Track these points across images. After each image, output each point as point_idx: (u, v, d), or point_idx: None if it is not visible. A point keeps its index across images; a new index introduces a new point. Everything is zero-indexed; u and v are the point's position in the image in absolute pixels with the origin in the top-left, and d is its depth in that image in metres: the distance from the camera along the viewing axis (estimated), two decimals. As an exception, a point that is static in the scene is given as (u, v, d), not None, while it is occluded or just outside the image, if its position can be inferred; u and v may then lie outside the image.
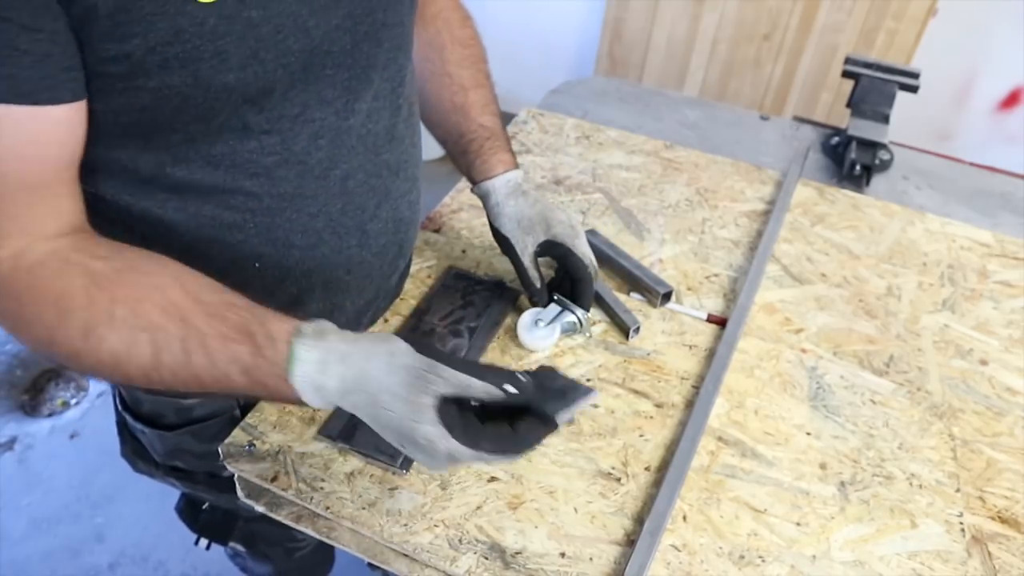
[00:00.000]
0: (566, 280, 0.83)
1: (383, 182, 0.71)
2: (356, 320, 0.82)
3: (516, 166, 0.84)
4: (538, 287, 0.82)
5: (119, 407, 0.86)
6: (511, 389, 0.51)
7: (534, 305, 0.84)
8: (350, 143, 0.66)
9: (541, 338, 0.82)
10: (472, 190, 0.84)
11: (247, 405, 0.81)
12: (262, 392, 0.54)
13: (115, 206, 0.62)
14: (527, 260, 0.81)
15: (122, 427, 0.90)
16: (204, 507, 1.01)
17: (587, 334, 0.86)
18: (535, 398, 0.52)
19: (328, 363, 0.51)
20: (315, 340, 0.52)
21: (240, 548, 1.04)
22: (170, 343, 0.52)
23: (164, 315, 0.52)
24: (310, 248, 0.69)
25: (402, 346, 0.52)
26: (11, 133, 0.50)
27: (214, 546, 1.02)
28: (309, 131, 0.63)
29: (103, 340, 0.52)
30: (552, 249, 0.80)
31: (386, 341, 0.52)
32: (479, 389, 0.51)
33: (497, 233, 0.82)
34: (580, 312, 0.83)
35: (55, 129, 0.52)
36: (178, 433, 0.81)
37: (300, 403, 0.53)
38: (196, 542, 1.04)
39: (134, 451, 0.90)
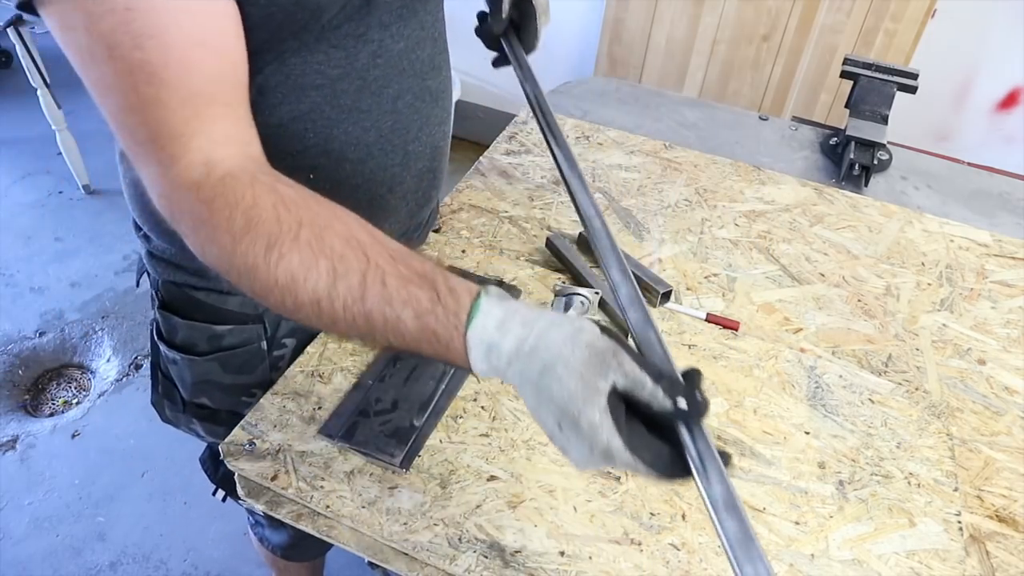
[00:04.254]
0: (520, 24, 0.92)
1: (426, 106, 0.79)
2: None
3: None
4: (503, 16, 0.89)
5: (155, 337, 0.89)
6: (682, 404, 0.48)
7: (492, 30, 0.90)
8: (401, 66, 0.74)
9: None
10: None
11: (273, 338, 0.85)
12: (428, 343, 0.51)
13: None
14: None
15: (155, 368, 0.94)
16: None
17: (594, 310, 0.88)
18: (699, 420, 0.48)
19: (509, 323, 0.50)
20: (499, 301, 0.51)
21: (258, 510, 1.06)
22: (349, 274, 0.52)
23: (347, 246, 0.52)
24: (360, 162, 0.74)
25: (589, 326, 0.50)
26: (193, 17, 0.52)
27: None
28: (369, 50, 0.70)
29: (283, 257, 0.52)
30: None
31: (573, 319, 0.50)
32: (649, 390, 0.48)
33: None
34: (584, 291, 0.85)
35: (227, 22, 0.55)
36: (208, 359, 0.85)
37: (461, 364, 0.51)
38: (214, 493, 1.07)
39: (164, 391, 0.93)
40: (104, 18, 0.50)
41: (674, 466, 0.48)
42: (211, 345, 0.85)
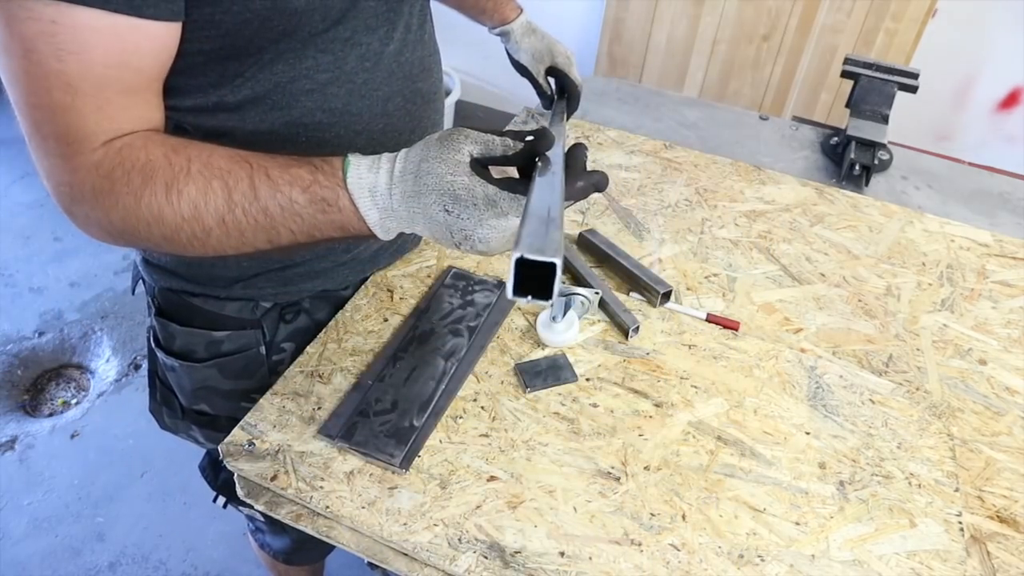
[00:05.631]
0: (564, 95, 1.07)
1: (417, 108, 0.80)
2: (381, 251, 0.90)
3: (522, 10, 1.07)
4: (548, 94, 1.07)
5: (152, 344, 0.89)
6: (529, 139, 0.55)
7: (547, 107, 1.09)
8: (391, 68, 0.75)
9: (561, 331, 0.84)
10: (490, 31, 1.07)
11: (272, 343, 0.85)
12: (323, 213, 0.57)
13: (175, 124, 0.67)
14: (541, 80, 1.06)
15: (153, 376, 0.94)
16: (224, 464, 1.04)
17: (594, 310, 0.89)
18: (551, 144, 0.55)
19: (378, 162, 0.57)
20: (364, 154, 0.58)
21: (259, 517, 1.06)
22: (239, 182, 0.57)
23: (232, 161, 0.58)
24: None
25: (432, 133, 0.58)
26: (117, 41, 0.54)
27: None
28: (357, 54, 0.71)
29: (182, 193, 0.57)
30: (554, 72, 1.06)
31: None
32: (499, 143, 0.55)
33: (517, 63, 1.07)
34: (584, 291, 0.86)
35: (152, 43, 0.57)
36: (206, 366, 0.85)
37: (357, 227, 0.57)
38: (215, 499, 1.07)
39: (162, 399, 0.93)
40: (26, 23, 0.51)
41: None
42: (209, 351, 0.85)
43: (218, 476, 1.06)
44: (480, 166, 0.55)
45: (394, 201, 0.56)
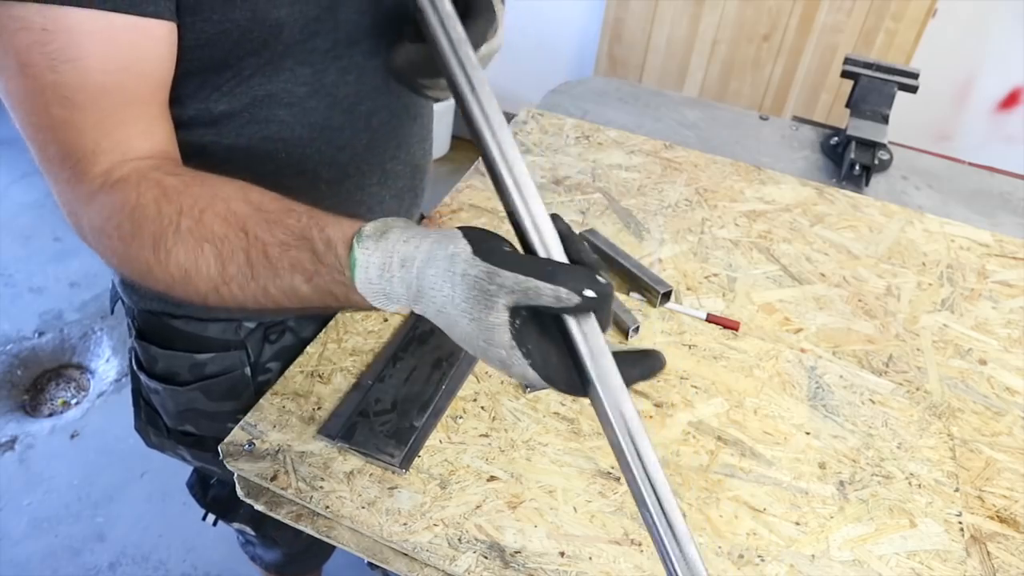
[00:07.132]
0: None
1: (402, 124, 0.77)
2: None
3: None
4: None
5: (134, 366, 0.87)
6: (590, 293, 0.44)
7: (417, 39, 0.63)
8: (375, 82, 0.72)
9: None
10: None
11: (256, 364, 0.83)
12: (331, 300, 0.50)
13: None
14: None
15: (137, 395, 0.92)
16: (213, 482, 1.02)
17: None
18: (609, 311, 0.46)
19: (389, 268, 0.46)
20: (375, 243, 0.47)
21: (249, 531, 1.05)
22: (235, 254, 0.50)
23: (226, 224, 0.51)
24: (336, 182, 0.73)
25: (463, 250, 0.45)
26: (116, 43, 0.51)
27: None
28: (338, 66, 0.68)
29: (170, 252, 0.51)
30: None
31: (449, 242, 0.46)
32: (549, 295, 0.43)
33: None
34: None
35: (155, 45, 0.54)
36: (190, 389, 0.83)
37: (371, 308, 0.50)
38: (204, 517, 1.06)
39: (147, 419, 0.91)
40: (18, 35, 0.49)
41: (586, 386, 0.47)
42: (193, 374, 0.83)
43: (207, 494, 1.03)
44: (525, 313, 0.45)
45: (416, 308, 0.48)
